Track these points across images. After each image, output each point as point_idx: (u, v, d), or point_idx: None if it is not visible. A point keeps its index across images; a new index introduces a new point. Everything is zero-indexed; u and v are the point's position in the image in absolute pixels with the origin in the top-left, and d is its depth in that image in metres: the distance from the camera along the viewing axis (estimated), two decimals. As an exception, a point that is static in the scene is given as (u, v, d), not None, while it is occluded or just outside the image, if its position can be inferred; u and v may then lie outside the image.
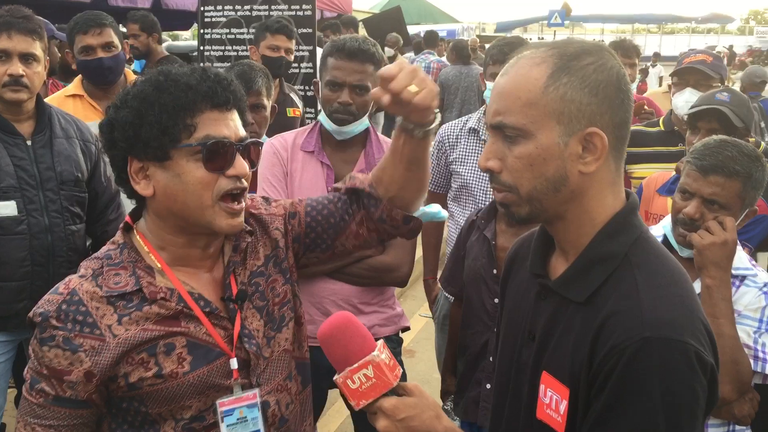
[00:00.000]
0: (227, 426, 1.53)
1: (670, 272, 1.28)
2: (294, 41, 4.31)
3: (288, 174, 2.61)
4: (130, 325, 1.45)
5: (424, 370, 4.79)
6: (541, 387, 1.32)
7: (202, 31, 5.48)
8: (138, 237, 1.55)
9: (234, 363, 1.53)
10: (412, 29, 17.21)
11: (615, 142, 1.27)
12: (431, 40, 10.60)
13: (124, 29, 4.74)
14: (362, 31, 10.37)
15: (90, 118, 3.20)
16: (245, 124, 1.56)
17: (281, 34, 4.18)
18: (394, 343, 2.78)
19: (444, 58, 10.33)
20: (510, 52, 1.81)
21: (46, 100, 2.96)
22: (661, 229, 2.26)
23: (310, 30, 5.32)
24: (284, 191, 2.60)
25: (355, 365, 1.33)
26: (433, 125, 1.57)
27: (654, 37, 56.04)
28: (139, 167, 1.47)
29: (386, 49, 8.65)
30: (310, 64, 5.28)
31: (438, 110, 1.58)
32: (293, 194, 2.59)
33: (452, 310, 2.99)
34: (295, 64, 4.91)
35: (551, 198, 1.27)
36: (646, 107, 4.21)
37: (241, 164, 1.48)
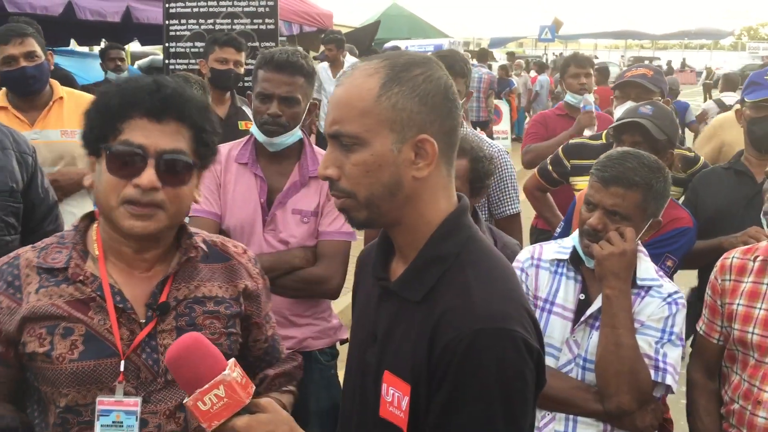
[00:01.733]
0: (101, 426, 1.52)
1: (499, 269, 1.37)
2: (244, 54, 4.32)
3: (221, 185, 2.62)
4: (43, 297, 1.52)
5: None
6: (384, 386, 1.36)
7: (167, 44, 5.52)
8: (94, 226, 1.63)
9: (122, 365, 1.53)
10: (402, 44, 17.41)
11: (445, 148, 1.34)
12: (483, 56, 13.30)
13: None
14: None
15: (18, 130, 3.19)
16: (203, 141, 1.57)
17: (229, 46, 4.20)
18: (328, 356, 2.76)
19: (494, 71, 12.27)
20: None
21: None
22: (571, 241, 2.28)
23: (273, 44, 5.35)
24: (217, 203, 2.61)
25: (206, 386, 1.30)
26: None
27: (647, 52, 56.35)
28: (92, 160, 1.57)
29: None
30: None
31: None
32: (226, 205, 2.60)
33: None
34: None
35: (388, 203, 1.32)
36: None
37: (147, 177, 1.47)
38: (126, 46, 12.00)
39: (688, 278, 3.37)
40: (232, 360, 1.37)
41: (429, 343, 1.28)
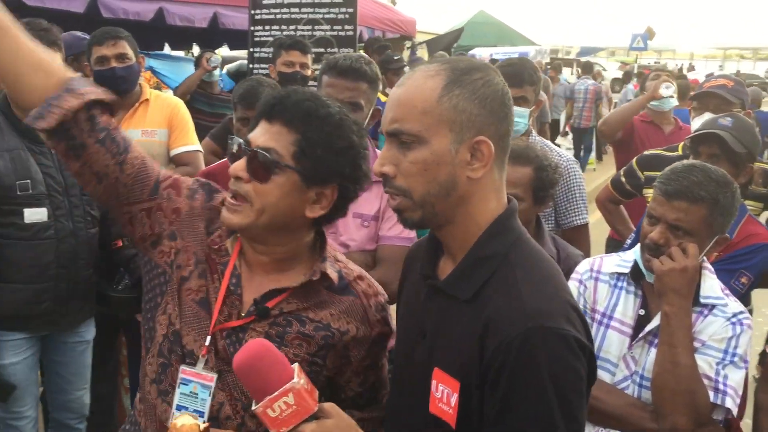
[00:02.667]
0: (180, 394, 1.59)
1: (546, 269, 1.40)
2: (310, 56, 4.39)
3: None
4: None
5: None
6: (433, 382, 1.39)
7: (251, 50, 5.70)
8: None
9: (208, 339, 1.58)
10: (487, 51, 17.30)
11: (499, 151, 1.37)
12: (587, 68, 14.07)
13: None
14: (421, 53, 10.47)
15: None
16: (304, 150, 1.54)
17: (295, 49, 4.28)
18: None
19: (600, 81, 12.93)
20: None
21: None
22: (632, 255, 2.22)
23: (351, 50, 5.44)
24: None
25: (275, 393, 1.31)
26: None
27: (747, 63, 53.88)
28: None
29: None
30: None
31: None
32: None
33: None
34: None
35: (442, 202, 1.35)
36: None
37: (236, 164, 1.55)
38: (217, 51, 12.50)
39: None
40: (297, 365, 1.38)
41: (479, 341, 1.31)
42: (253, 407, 1.34)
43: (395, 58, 7.00)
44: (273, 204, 1.54)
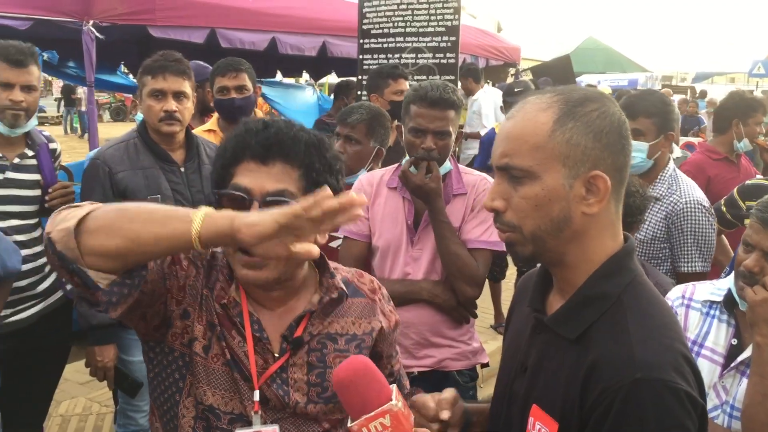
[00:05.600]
0: None
1: (661, 316, 1.31)
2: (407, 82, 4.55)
3: (371, 208, 2.84)
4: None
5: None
6: (530, 419, 1.35)
7: (360, 77, 5.93)
8: None
9: (257, 395, 1.54)
10: (594, 78, 17.03)
11: (616, 185, 1.32)
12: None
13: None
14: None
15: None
16: (313, 179, 1.51)
17: (401, 77, 4.44)
18: (467, 377, 2.86)
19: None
20: None
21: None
22: (727, 283, 2.20)
23: (452, 77, 5.57)
24: (366, 225, 2.83)
25: (372, 413, 1.29)
26: None
27: None
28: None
29: None
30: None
31: None
32: (375, 226, 2.82)
33: None
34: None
35: (554, 238, 1.31)
36: None
37: None
38: (324, 79, 12.95)
39: None
40: (395, 387, 1.36)
41: (582, 385, 1.25)
42: (349, 424, 1.32)
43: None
44: None
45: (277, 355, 1.57)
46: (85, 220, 1.31)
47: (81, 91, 20.22)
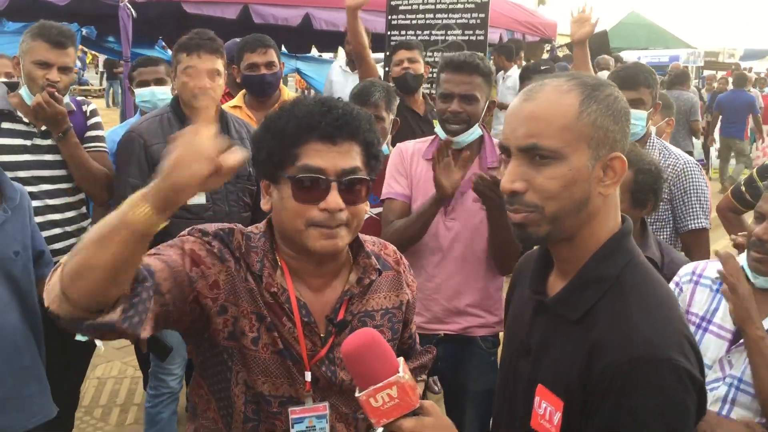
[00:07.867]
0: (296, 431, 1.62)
1: (659, 295, 1.36)
2: (417, 51, 4.61)
3: (409, 176, 2.92)
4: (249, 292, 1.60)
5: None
6: (536, 398, 1.39)
7: (387, 53, 5.96)
8: (276, 235, 1.66)
9: (308, 376, 1.61)
10: (634, 54, 16.62)
11: None
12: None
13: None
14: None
15: (247, 126, 3.73)
16: (373, 154, 1.60)
17: (400, 48, 4.50)
18: (489, 343, 2.95)
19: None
20: None
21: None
22: (740, 260, 2.22)
23: (482, 54, 5.57)
24: (408, 186, 2.91)
25: (380, 384, 1.32)
26: None
27: None
28: (265, 184, 1.62)
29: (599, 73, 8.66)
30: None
31: None
32: (415, 188, 2.90)
33: None
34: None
35: (572, 218, 1.34)
36: None
37: (333, 199, 1.51)
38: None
39: None
40: (402, 359, 1.39)
41: (585, 364, 1.30)
42: (357, 394, 1.35)
43: None
44: (362, 218, 1.61)
45: (323, 335, 1.63)
46: (61, 278, 1.27)
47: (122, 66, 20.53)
